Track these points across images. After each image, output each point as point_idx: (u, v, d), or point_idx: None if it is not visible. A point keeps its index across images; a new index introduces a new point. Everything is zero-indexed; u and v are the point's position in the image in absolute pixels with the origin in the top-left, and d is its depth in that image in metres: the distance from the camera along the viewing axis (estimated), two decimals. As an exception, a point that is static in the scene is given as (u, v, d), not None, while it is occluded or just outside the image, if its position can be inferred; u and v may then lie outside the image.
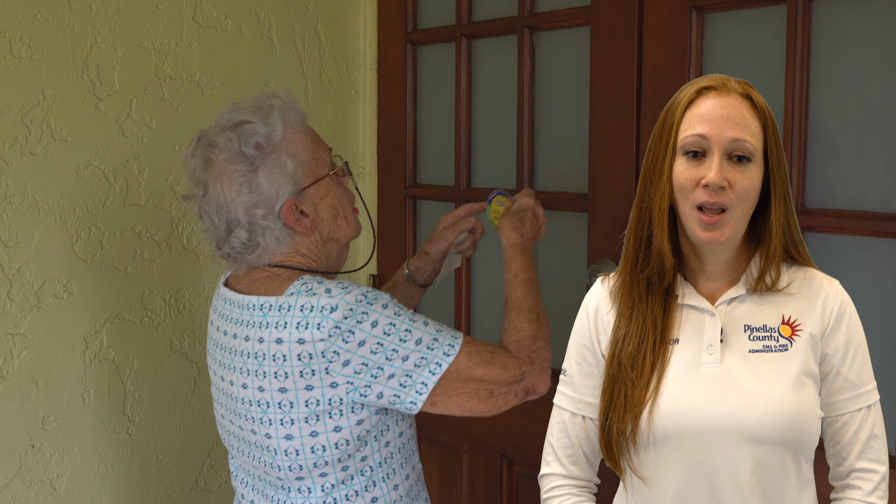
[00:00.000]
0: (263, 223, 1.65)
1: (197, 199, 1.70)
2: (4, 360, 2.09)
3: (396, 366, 1.57)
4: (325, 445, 1.60)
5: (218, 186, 1.65)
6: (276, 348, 1.58)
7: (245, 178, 1.64)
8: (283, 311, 1.60)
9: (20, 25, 2.07)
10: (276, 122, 1.66)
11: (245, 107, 1.70)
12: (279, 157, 1.65)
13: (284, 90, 1.74)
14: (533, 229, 1.87)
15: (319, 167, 1.71)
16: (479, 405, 1.63)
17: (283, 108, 1.69)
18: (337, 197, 1.73)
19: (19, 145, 2.09)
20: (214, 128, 1.68)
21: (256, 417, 1.63)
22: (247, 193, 1.64)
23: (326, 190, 1.71)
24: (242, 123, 1.66)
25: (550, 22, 2.19)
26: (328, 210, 1.72)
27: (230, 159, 1.64)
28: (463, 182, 2.42)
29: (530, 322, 1.70)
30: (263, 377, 1.60)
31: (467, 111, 2.41)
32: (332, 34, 2.58)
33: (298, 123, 1.71)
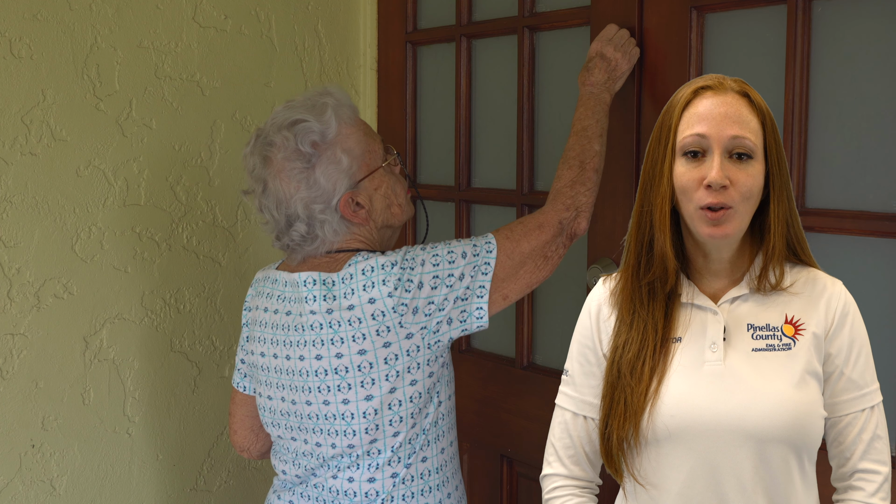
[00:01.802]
0: (322, 217, 1.74)
1: (257, 195, 1.78)
2: (4, 360, 2.09)
3: (456, 288, 1.70)
4: (401, 400, 1.72)
5: (277, 183, 1.74)
6: (349, 314, 1.69)
7: (303, 174, 1.73)
8: (347, 282, 1.70)
9: (20, 25, 2.07)
10: (329, 119, 1.74)
11: (299, 105, 1.77)
12: (334, 154, 1.74)
13: (336, 86, 1.82)
14: (605, 73, 1.92)
15: (373, 159, 1.80)
16: (540, 274, 1.78)
17: (336, 105, 1.77)
18: (390, 186, 1.82)
19: (19, 145, 2.09)
20: (271, 126, 1.77)
21: (333, 386, 1.71)
22: (305, 189, 1.73)
23: (380, 181, 1.80)
24: (298, 122, 1.74)
25: (550, 22, 2.19)
26: (382, 200, 1.80)
27: (288, 157, 1.73)
28: (463, 182, 2.42)
29: (571, 169, 1.82)
30: (341, 343, 1.70)
31: (467, 111, 2.41)
32: (332, 34, 2.58)
33: (351, 118, 1.79)
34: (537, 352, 2.29)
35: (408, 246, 1.75)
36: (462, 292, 1.71)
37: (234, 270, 2.43)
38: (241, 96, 2.41)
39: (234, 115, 2.40)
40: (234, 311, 2.43)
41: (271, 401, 1.82)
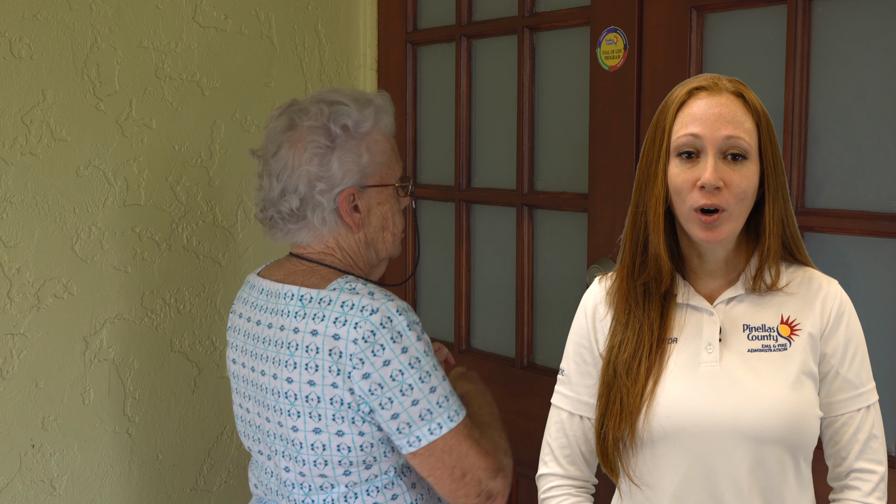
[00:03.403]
0: (319, 199, 1.68)
1: (266, 157, 1.73)
2: (4, 360, 2.09)
3: (405, 406, 1.58)
4: (350, 447, 1.61)
5: (291, 149, 1.69)
6: (311, 339, 1.60)
7: (321, 150, 1.68)
8: (323, 305, 1.61)
9: (20, 25, 2.07)
10: (369, 115, 1.71)
11: (346, 93, 1.75)
12: (359, 146, 1.70)
13: (387, 97, 1.79)
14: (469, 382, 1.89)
15: (388, 175, 1.75)
16: (447, 483, 1.62)
17: (380, 109, 1.74)
18: (392, 211, 1.77)
19: (19, 145, 2.09)
20: (310, 99, 1.74)
21: (284, 409, 1.63)
22: (316, 165, 1.68)
23: (385, 198, 1.75)
24: (339, 103, 1.71)
25: (550, 22, 2.19)
26: (379, 218, 1.75)
27: (314, 129, 1.68)
28: (463, 182, 2.42)
29: (503, 439, 1.74)
30: (294, 368, 1.61)
31: (467, 111, 2.41)
32: (332, 34, 2.58)
33: (387, 129, 1.76)
34: (537, 352, 2.29)
35: (409, 306, 1.63)
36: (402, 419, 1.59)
37: (234, 270, 2.43)
38: (241, 96, 2.41)
39: (234, 115, 2.40)
40: (235, 311, 2.43)
41: (246, 412, 1.75)
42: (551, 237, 2.25)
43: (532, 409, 2.24)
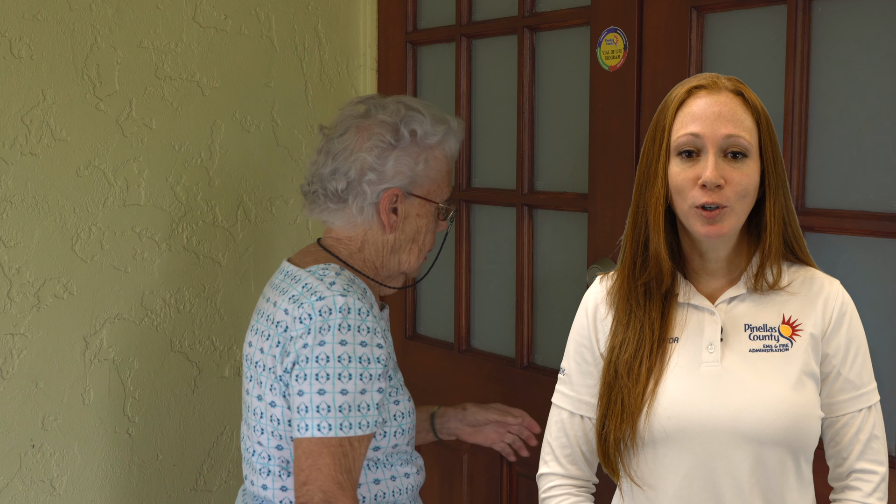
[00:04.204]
0: (364, 188, 1.73)
1: (332, 136, 1.78)
2: (4, 360, 2.09)
3: (312, 390, 1.60)
4: (279, 419, 1.68)
5: (357, 135, 1.75)
6: (272, 311, 1.69)
7: (383, 145, 1.74)
8: (293, 282, 1.70)
9: (20, 25, 2.07)
10: (439, 131, 1.77)
11: (427, 106, 1.80)
12: (419, 154, 1.76)
13: (462, 124, 1.85)
14: None
15: (436, 193, 1.80)
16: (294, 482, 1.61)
17: (451, 130, 1.80)
18: (427, 227, 1.81)
19: (19, 145, 2.09)
20: (393, 97, 1.81)
21: (255, 378, 1.71)
22: (374, 157, 1.73)
23: (425, 213, 1.80)
24: (416, 110, 1.77)
25: (550, 22, 2.19)
26: (413, 229, 1.79)
27: (384, 123, 1.75)
28: (463, 182, 2.42)
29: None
30: (267, 339, 1.69)
31: (467, 111, 2.41)
32: (332, 34, 2.58)
33: (450, 151, 1.81)
34: (537, 352, 2.29)
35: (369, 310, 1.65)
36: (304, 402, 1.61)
37: (234, 270, 2.43)
38: (241, 96, 2.41)
39: (234, 115, 2.40)
40: (234, 311, 2.43)
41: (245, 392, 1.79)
42: (551, 237, 2.25)
43: (532, 408, 2.23)
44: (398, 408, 1.73)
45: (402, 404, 1.74)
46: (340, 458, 1.60)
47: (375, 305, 1.73)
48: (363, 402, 1.62)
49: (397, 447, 1.74)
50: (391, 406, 1.71)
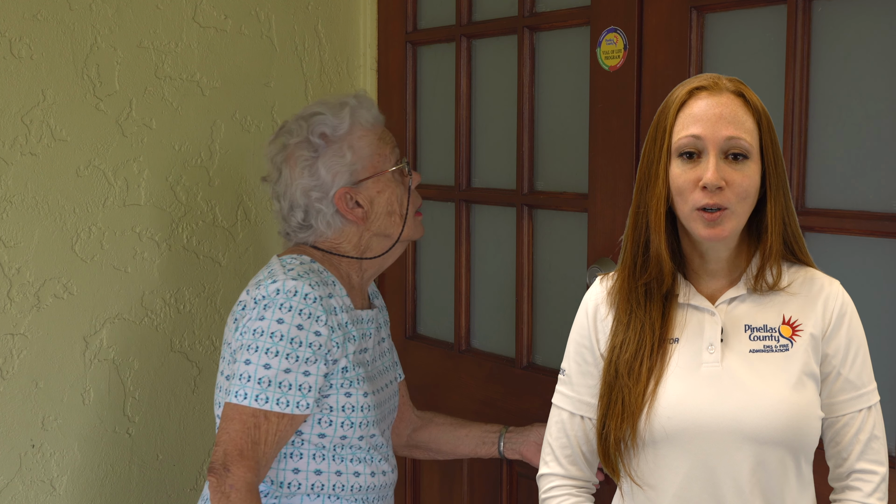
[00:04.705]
0: (318, 206, 1.82)
1: (272, 182, 1.88)
2: (4, 360, 2.09)
3: (242, 358, 1.69)
4: None
5: (287, 169, 1.84)
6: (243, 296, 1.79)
7: (308, 163, 1.82)
8: (264, 269, 1.81)
9: (20, 25, 2.07)
10: (345, 116, 1.83)
11: (324, 101, 1.87)
12: (340, 148, 1.82)
13: (362, 93, 1.91)
14: None
15: (380, 162, 1.85)
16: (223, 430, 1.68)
17: (356, 106, 1.85)
18: (396, 195, 1.86)
19: (19, 145, 2.09)
20: (294, 118, 1.88)
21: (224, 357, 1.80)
22: (307, 177, 1.81)
23: (384, 185, 1.85)
24: (315, 114, 1.84)
25: (550, 22, 2.19)
26: (384, 205, 1.85)
27: (299, 145, 1.83)
28: (463, 182, 2.42)
29: None
30: (234, 321, 1.78)
31: (467, 111, 2.41)
32: (332, 34, 2.58)
33: (368, 122, 1.86)
34: (537, 352, 2.29)
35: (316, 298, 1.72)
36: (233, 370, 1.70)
37: (234, 270, 2.42)
38: (241, 96, 2.41)
39: (234, 115, 2.40)
40: (234, 311, 2.43)
41: None
42: (551, 237, 2.25)
43: (532, 409, 2.24)
44: (348, 400, 1.77)
45: (355, 398, 1.78)
46: (251, 427, 1.67)
47: (342, 298, 1.79)
48: (286, 381, 1.68)
49: (346, 440, 1.78)
50: (340, 396, 1.76)
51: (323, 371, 1.73)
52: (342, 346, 1.76)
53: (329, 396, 1.76)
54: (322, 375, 1.73)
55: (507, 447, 2.02)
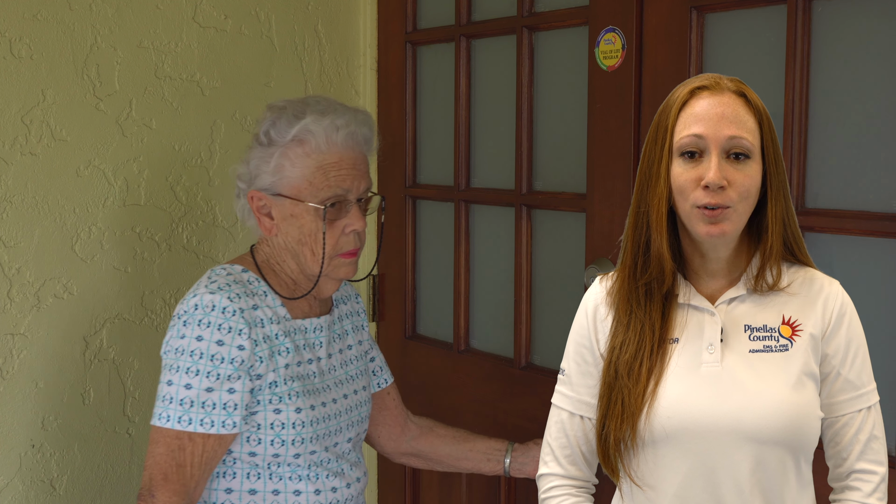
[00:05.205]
0: (240, 197, 1.81)
1: None
2: (4, 360, 2.09)
3: (165, 379, 1.67)
4: None
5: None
6: None
7: (250, 149, 1.81)
8: None
9: (20, 25, 2.07)
10: (293, 126, 1.73)
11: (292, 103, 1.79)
12: (273, 152, 1.75)
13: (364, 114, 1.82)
14: None
15: (306, 190, 1.73)
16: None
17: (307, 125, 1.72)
18: (312, 231, 1.74)
19: (19, 145, 2.09)
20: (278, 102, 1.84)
21: None
22: (243, 164, 1.81)
23: (301, 214, 1.74)
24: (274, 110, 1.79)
25: (549, 22, 2.19)
26: (296, 232, 1.75)
27: (255, 135, 1.81)
28: (462, 182, 2.42)
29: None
30: None
31: (466, 111, 2.41)
32: (332, 34, 2.57)
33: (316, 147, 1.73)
34: (536, 352, 2.29)
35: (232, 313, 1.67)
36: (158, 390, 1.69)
37: (234, 270, 2.42)
38: (241, 96, 2.41)
39: (234, 115, 2.40)
40: (234, 311, 2.43)
41: None
42: (550, 237, 2.24)
43: (530, 409, 2.24)
44: (277, 416, 1.71)
45: (286, 414, 1.71)
46: (176, 450, 1.64)
47: (273, 309, 1.74)
48: (208, 400, 1.64)
49: (280, 458, 1.72)
50: (268, 413, 1.70)
51: (248, 387, 1.67)
52: (268, 359, 1.70)
53: (257, 413, 1.70)
54: (248, 392, 1.67)
55: (513, 466, 2.00)
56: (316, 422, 1.75)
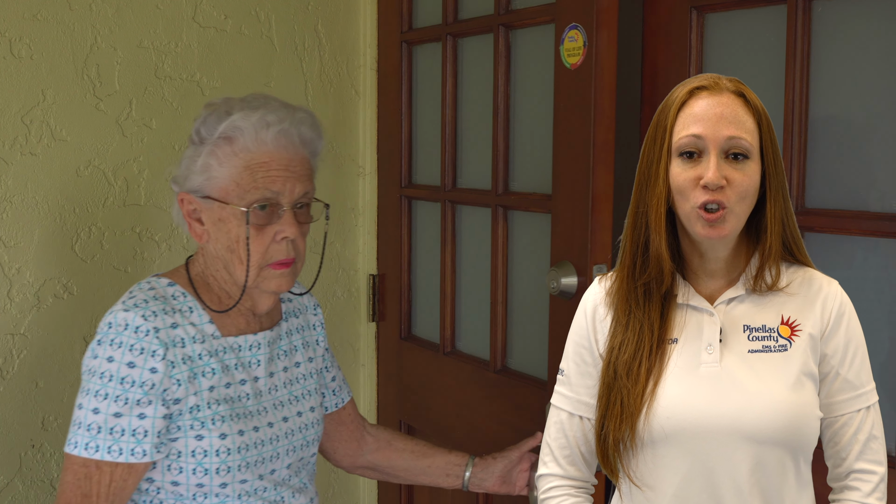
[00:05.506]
0: (175, 200, 1.67)
1: None
2: (4, 360, 2.09)
3: (76, 403, 1.57)
4: None
5: None
6: None
7: (184, 152, 1.68)
8: None
9: (20, 25, 2.07)
10: (222, 124, 1.61)
11: (227, 101, 1.67)
12: (201, 151, 1.63)
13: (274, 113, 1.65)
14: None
15: (233, 192, 1.61)
16: None
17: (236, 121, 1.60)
18: (240, 237, 1.61)
19: (19, 145, 2.09)
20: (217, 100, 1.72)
21: None
22: (178, 166, 1.68)
23: (228, 218, 1.62)
24: (209, 107, 1.67)
25: (523, 19, 2.11)
26: (225, 238, 1.63)
27: (189, 135, 1.69)
28: (448, 182, 2.37)
29: None
30: None
31: (453, 111, 2.35)
32: (332, 34, 2.57)
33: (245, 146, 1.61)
34: (511, 356, 2.23)
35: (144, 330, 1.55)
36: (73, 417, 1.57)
37: (234, 270, 2.42)
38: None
39: (235, 115, 2.40)
40: (234, 311, 2.43)
41: None
42: (525, 240, 2.18)
43: (503, 413, 2.18)
44: (199, 444, 1.58)
45: (208, 441, 1.59)
46: (82, 479, 1.54)
47: (198, 327, 1.62)
48: (117, 426, 1.53)
49: (205, 487, 1.60)
50: (189, 440, 1.58)
51: (161, 412, 1.55)
52: (188, 382, 1.57)
53: (177, 440, 1.58)
54: (161, 417, 1.55)
55: (472, 482, 1.93)
56: (245, 448, 1.61)
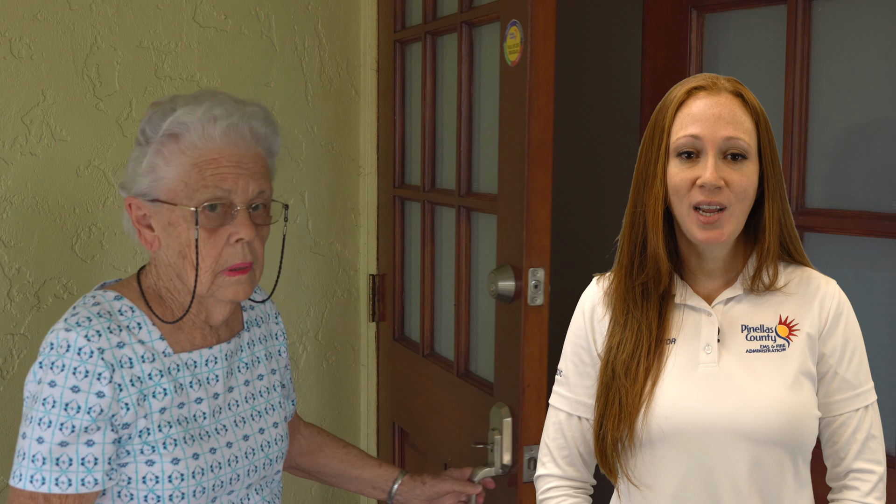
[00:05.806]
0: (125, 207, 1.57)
1: None
2: (4, 360, 2.09)
3: (20, 432, 1.46)
4: None
5: None
6: None
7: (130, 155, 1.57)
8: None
9: (20, 25, 2.08)
10: (165, 122, 1.51)
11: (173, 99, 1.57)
12: (146, 151, 1.53)
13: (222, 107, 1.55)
14: None
15: (182, 193, 1.50)
16: None
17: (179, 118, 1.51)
18: (189, 239, 1.51)
19: (19, 145, 2.09)
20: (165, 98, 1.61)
21: None
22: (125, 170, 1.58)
23: (178, 221, 1.51)
24: (154, 107, 1.57)
25: (480, 17, 2.05)
26: (175, 244, 1.53)
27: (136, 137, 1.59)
28: (428, 183, 2.33)
29: None
30: None
31: (432, 111, 2.31)
32: (332, 34, 2.57)
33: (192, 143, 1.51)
34: (473, 359, 2.18)
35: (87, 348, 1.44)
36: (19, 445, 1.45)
37: (235, 270, 2.42)
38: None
39: (235, 115, 2.40)
40: (234, 311, 2.42)
41: None
42: (487, 241, 2.11)
43: (462, 418, 2.13)
44: (150, 469, 1.49)
45: (160, 466, 1.49)
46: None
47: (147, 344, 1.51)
48: (63, 456, 1.43)
49: None
50: (139, 465, 1.48)
51: (111, 437, 1.45)
52: (137, 405, 1.47)
53: (127, 465, 1.48)
54: (110, 443, 1.45)
55: (396, 499, 1.88)
56: (200, 472, 1.52)
